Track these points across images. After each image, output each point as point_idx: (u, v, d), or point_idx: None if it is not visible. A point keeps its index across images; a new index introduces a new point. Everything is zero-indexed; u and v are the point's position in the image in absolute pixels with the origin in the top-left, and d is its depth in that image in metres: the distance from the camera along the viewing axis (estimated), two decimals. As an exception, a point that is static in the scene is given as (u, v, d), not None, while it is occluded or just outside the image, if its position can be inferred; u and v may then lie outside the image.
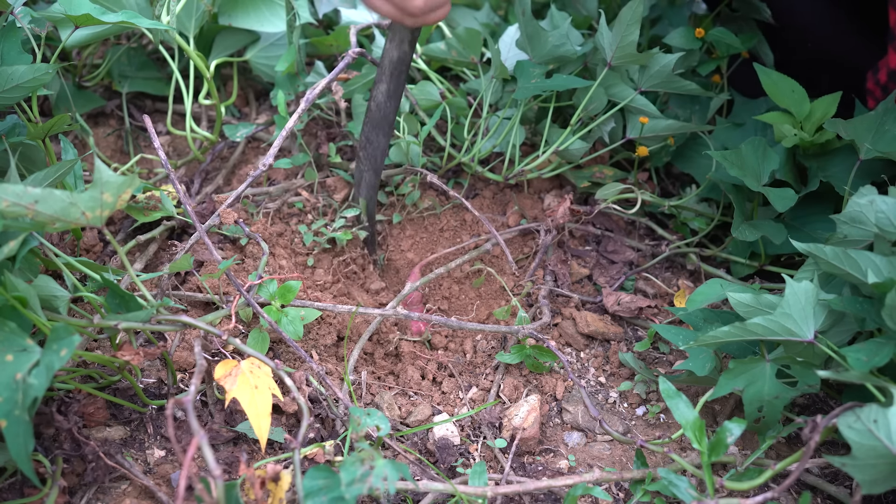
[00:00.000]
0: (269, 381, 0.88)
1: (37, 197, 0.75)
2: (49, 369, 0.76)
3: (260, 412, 0.86)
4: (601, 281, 1.29)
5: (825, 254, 0.90)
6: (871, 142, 1.12)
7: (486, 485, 0.89)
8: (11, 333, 0.78)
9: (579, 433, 1.08)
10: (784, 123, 1.19)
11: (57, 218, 0.78)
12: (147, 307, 0.93)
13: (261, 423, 0.85)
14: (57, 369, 0.76)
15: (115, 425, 0.99)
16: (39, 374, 0.76)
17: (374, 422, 0.88)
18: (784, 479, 0.95)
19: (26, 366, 0.76)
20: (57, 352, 0.77)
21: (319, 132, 1.46)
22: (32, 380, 0.76)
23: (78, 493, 0.91)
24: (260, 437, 0.85)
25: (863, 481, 0.77)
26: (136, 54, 1.53)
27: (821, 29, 1.30)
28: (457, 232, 1.34)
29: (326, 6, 1.60)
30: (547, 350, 1.11)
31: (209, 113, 1.54)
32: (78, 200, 0.78)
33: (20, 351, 0.77)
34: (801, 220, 1.22)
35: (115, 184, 0.80)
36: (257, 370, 0.89)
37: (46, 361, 0.77)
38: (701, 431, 0.87)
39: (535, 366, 1.13)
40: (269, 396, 0.87)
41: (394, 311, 1.10)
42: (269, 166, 1.13)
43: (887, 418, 0.74)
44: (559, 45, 1.27)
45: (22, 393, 0.75)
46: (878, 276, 0.87)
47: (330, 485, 0.79)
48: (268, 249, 1.15)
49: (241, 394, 0.86)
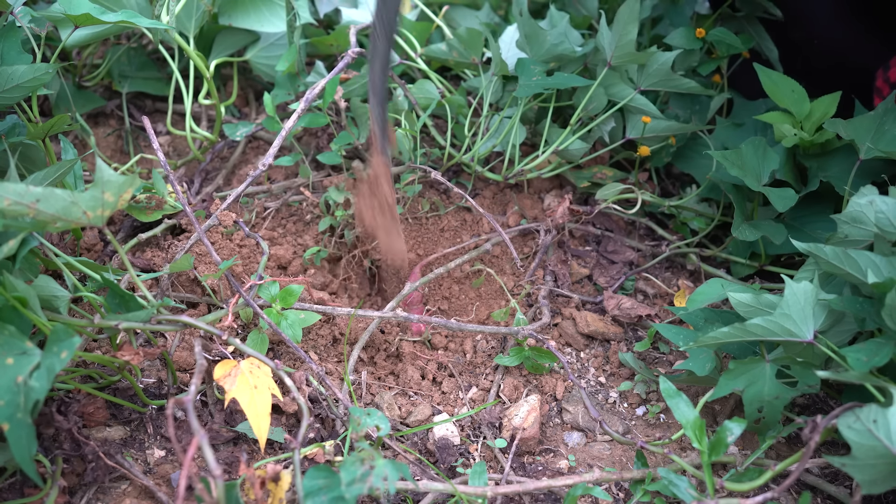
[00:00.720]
0: (268, 381, 0.88)
1: (38, 196, 0.76)
2: (50, 371, 0.76)
3: (259, 412, 0.86)
4: (601, 281, 1.29)
5: (825, 254, 0.90)
6: (872, 141, 1.12)
7: (486, 485, 0.89)
8: (11, 336, 0.78)
9: (579, 433, 1.08)
10: (784, 123, 1.19)
11: (58, 217, 0.78)
12: (147, 307, 0.93)
13: (260, 423, 0.85)
14: (58, 371, 0.76)
15: (115, 425, 0.99)
16: (40, 376, 0.76)
17: (374, 422, 0.88)
18: (784, 479, 0.95)
19: (27, 368, 0.76)
20: (57, 354, 0.77)
21: (320, 132, 1.46)
22: (34, 383, 0.76)
23: (78, 493, 0.91)
24: (259, 437, 0.85)
25: (862, 481, 0.77)
26: (136, 54, 1.53)
27: (828, 27, 1.30)
28: (457, 232, 1.34)
29: (327, 6, 1.60)
30: (546, 351, 1.11)
31: (209, 113, 1.54)
32: (79, 200, 0.78)
33: (20, 354, 0.77)
34: (802, 220, 1.22)
35: (116, 183, 0.80)
36: (257, 370, 0.89)
37: (47, 364, 0.77)
38: (701, 431, 0.87)
39: (534, 367, 1.13)
40: (268, 396, 0.87)
41: (393, 313, 1.10)
42: (268, 166, 1.13)
43: (887, 418, 0.74)
44: (557, 45, 1.27)
45: (23, 396, 0.75)
46: (877, 276, 0.87)
47: (330, 484, 0.79)
48: (268, 249, 1.15)
49: (240, 394, 0.86)
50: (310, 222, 1.31)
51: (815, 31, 1.33)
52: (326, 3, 1.60)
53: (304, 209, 1.32)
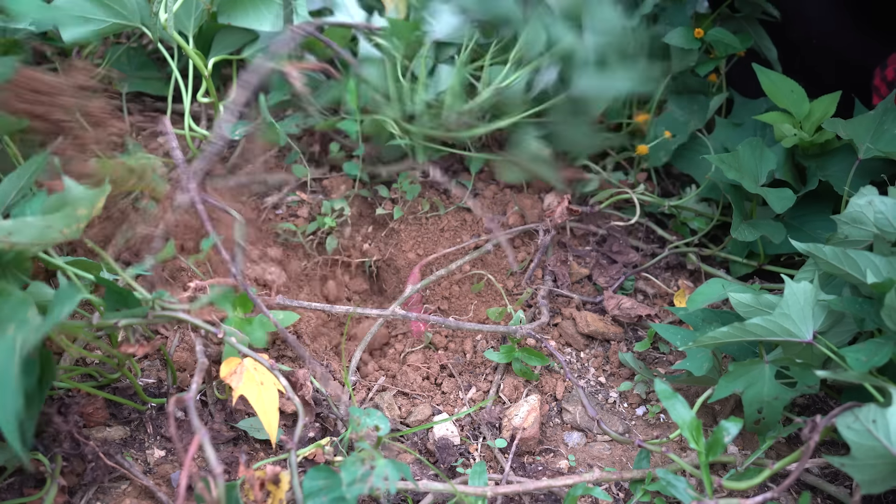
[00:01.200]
0: (272, 378, 0.89)
1: (10, 229, 0.74)
2: (51, 321, 0.74)
3: (268, 408, 0.86)
4: (601, 281, 1.29)
5: (824, 254, 0.90)
6: (871, 141, 1.12)
7: (486, 485, 0.89)
8: (17, 303, 0.76)
9: (579, 433, 1.08)
10: (784, 123, 1.19)
11: (35, 243, 0.77)
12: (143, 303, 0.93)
13: (270, 419, 0.85)
14: (60, 319, 0.74)
15: (114, 425, 0.99)
16: (39, 327, 0.73)
17: (373, 422, 0.88)
18: (784, 478, 0.95)
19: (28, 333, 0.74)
20: (61, 306, 0.75)
21: (320, 131, 1.46)
22: (31, 336, 0.73)
23: (78, 493, 0.91)
24: (270, 433, 0.85)
25: (862, 481, 0.78)
26: (135, 54, 1.53)
27: (826, 26, 1.30)
28: (457, 232, 1.34)
29: (317, 3, 1.59)
30: (537, 353, 1.11)
31: (208, 112, 1.54)
32: (53, 222, 0.78)
33: (23, 322, 0.75)
34: (801, 220, 1.22)
35: (86, 198, 0.80)
36: (260, 367, 0.89)
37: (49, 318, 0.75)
38: (698, 432, 0.87)
39: (522, 371, 1.12)
40: (275, 392, 0.87)
41: (392, 311, 1.10)
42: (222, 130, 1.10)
43: (886, 418, 0.74)
44: None
45: (18, 354, 0.72)
46: (877, 276, 0.87)
47: (330, 485, 0.79)
48: (242, 219, 1.13)
49: (248, 391, 0.86)
50: (307, 219, 1.31)
51: (813, 30, 1.33)
52: (318, 0, 1.59)
53: (299, 205, 1.32)
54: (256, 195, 1.37)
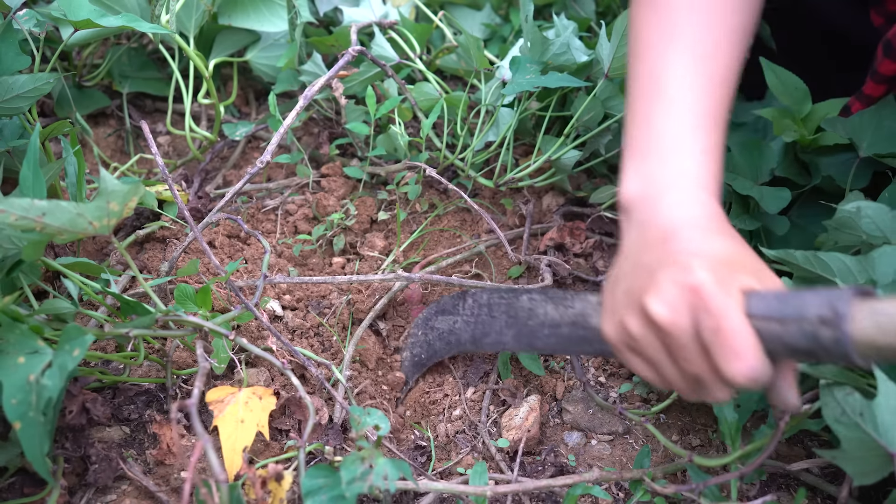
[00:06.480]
0: (260, 417, 0.88)
1: (44, 209, 0.74)
2: (62, 370, 0.76)
3: (236, 448, 0.85)
4: (602, 281, 1.29)
5: (796, 259, 0.91)
6: (871, 141, 1.11)
7: (486, 485, 0.89)
8: (23, 336, 0.78)
9: (579, 433, 1.08)
10: (784, 119, 1.18)
11: (65, 229, 0.77)
12: (154, 312, 0.93)
13: (234, 458, 0.85)
14: (70, 369, 0.76)
15: (114, 425, 0.99)
16: (53, 375, 0.76)
17: (373, 421, 0.88)
18: (780, 469, 0.95)
19: (39, 367, 0.76)
20: (69, 352, 0.77)
21: (321, 131, 1.46)
22: (46, 381, 0.75)
23: (78, 493, 0.91)
24: (229, 471, 0.84)
25: (854, 473, 0.79)
26: (136, 54, 1.53)
27: (829, 6, 1.28)
28: (457, 232, 1.34)
29: (327, 5, 1.60)
30: (534, 358, 1.12)
31: (209, 112, 1.54)
32: (85, 211, 0.77)
33: (32, 353, 0.77)
34: (806, 219, 1.20)
35: (120, 192, 0.79)
36: (255, 402, 0.89)
37: (59, 362, 0.76)
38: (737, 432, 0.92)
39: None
40: (252, 433, 0.86)
41: (395, 275, 1.13)
42: (266, 164, 1.12)
43: (873, 411, 0.75)
44: (560, 54, 1.25)
45: (35, 395, 0.75)
46: (847, 278, 0.87)
47: (330, 483, 0.79)
48: (270, 248, 1.15)
49: (223, 425, 0.86)
50: (309, 220, 1.31)
51: (817, 10, 1.30)
52: (326, 2, 1.60)
53: (301, 206, 1.33)
54: (257, 196, 1.37)
